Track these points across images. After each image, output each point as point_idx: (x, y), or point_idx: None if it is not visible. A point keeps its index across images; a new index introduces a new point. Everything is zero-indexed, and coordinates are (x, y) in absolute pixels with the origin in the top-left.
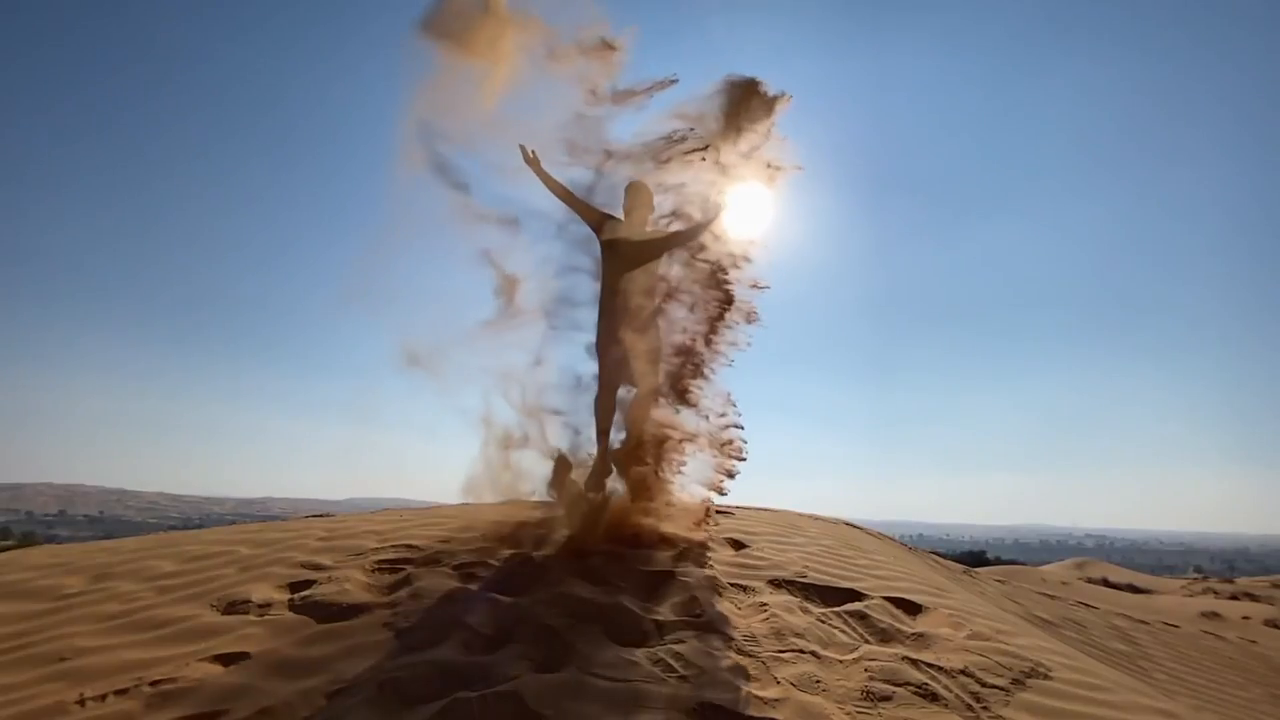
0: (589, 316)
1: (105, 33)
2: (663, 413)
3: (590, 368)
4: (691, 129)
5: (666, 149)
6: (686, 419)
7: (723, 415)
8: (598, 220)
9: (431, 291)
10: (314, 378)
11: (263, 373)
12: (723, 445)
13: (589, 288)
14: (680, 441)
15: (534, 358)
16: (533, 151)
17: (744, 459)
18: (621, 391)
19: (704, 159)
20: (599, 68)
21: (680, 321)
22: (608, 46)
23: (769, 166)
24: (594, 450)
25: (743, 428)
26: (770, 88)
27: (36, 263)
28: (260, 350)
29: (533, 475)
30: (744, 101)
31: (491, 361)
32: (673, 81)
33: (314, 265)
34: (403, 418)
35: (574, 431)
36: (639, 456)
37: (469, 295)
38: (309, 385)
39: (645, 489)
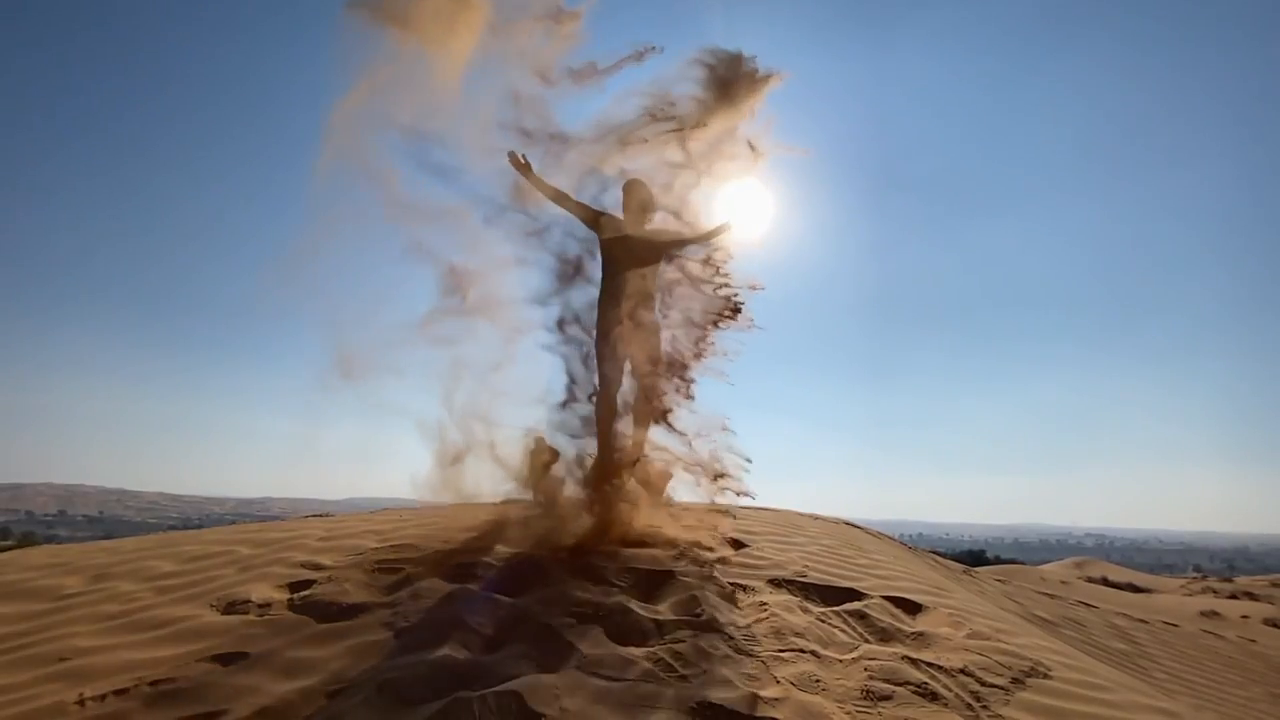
0: (546, 315)
1: (105, 33)
2: (647, 436)
3: (558, 373)
4: (671, 104)
5: (641, 129)
6: (674, 445)
7: (715, 442)
8: (596, 220)
9: (370, 291)
10: (314, 376)
11: (263, 372)
12: (717, 477)
13: (548, 284)
14: (667, 467)
15: (492, 360)
16: (523, 157)
17: (748, 495)
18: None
19: (689, 139)
20: (552, 42)
21: (663, 326)
22: (562, 17)
23: (752, 149)
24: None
25: (749, 460)
26: (759, 64)
27: (36, 263)
28: (260, 350)
29: (490, 479)
30: (728, 78)
31: (444, 365)
32: (652, 50)
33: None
34: (400, 418)
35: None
36: (610, 475)
37: (412, 295)
38: (309, 385)
39: (613, 511)
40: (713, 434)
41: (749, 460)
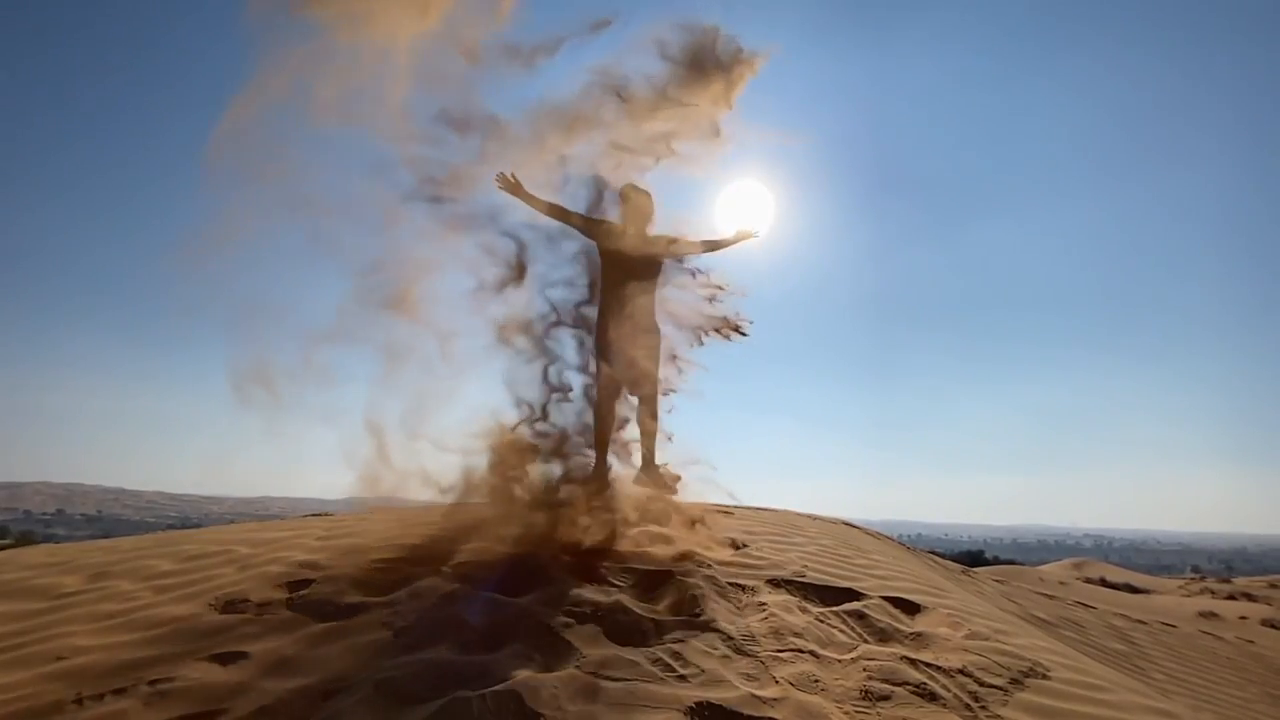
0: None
1: (105, 32)
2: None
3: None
4: (625, 82)
5: (590, 111)
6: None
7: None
8: (596, 228)
9: (283, 292)
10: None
11: None
12: (692, 523)
13: (486, 285)
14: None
15: (428, 367)
16: (512, 176)
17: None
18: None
19: (644, 121)
20: (485, 17)
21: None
22: None
23: (716, 134)
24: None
25: (733, 497)
26: (739, 43)
27: (35, 262)
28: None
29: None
30: (702, 56)
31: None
32: (608, 22)
33: (313, 262)
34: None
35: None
36: (607, 481)
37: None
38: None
39: (615, 515)
40: (688, 468)
41: (733, 498)
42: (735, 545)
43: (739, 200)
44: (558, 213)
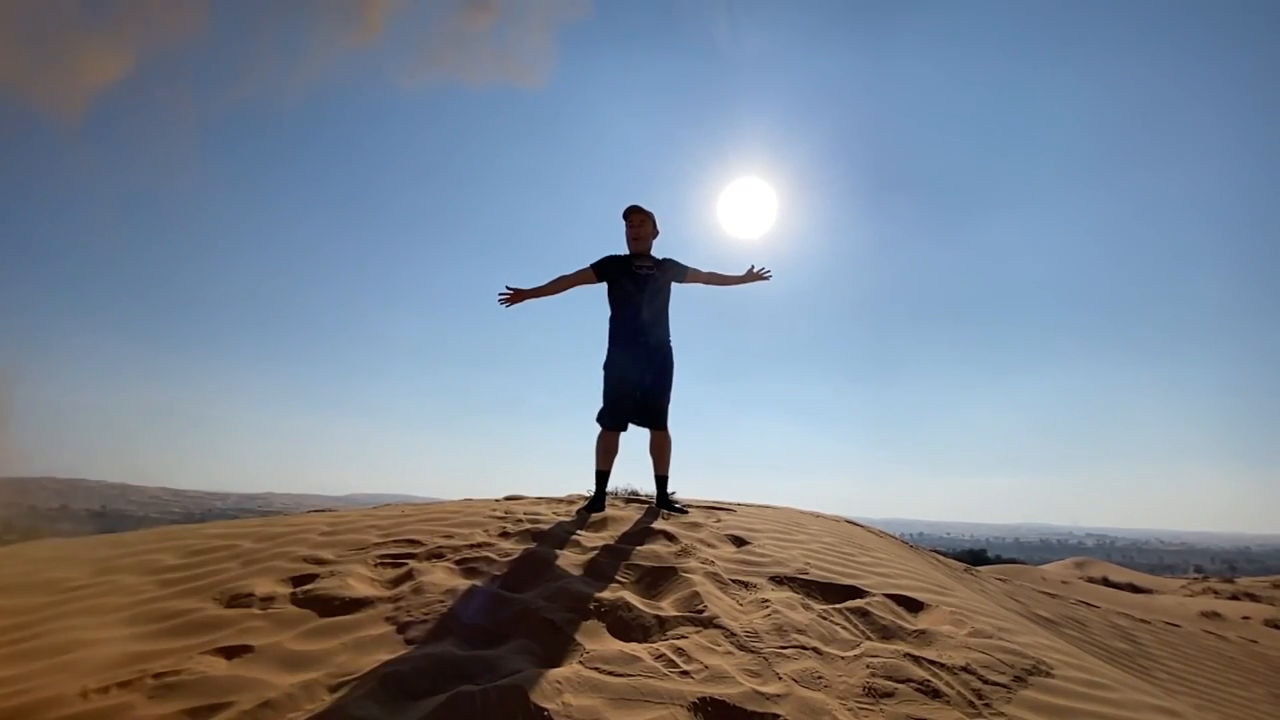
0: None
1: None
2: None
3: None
4: None
5: None
6: None
7: None
8: (598, 274)
9: None
10: (315, 373)
11: (264, 368)
12: None
13: None
14: None
15: None
16: (509, 289)
17: None
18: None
19: None
20: None
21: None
22: None
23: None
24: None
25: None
26: None
27: (39, 258)
28: (262, 345)
29: None
30: None
31: None
32: None
33: (315, 259)
34: (406, 415)
35: None
36: None
37: None
38: (311, 380)
39: None
40: None
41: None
42: (738, 542)
43: (741, 197)
44: (565, 284)
